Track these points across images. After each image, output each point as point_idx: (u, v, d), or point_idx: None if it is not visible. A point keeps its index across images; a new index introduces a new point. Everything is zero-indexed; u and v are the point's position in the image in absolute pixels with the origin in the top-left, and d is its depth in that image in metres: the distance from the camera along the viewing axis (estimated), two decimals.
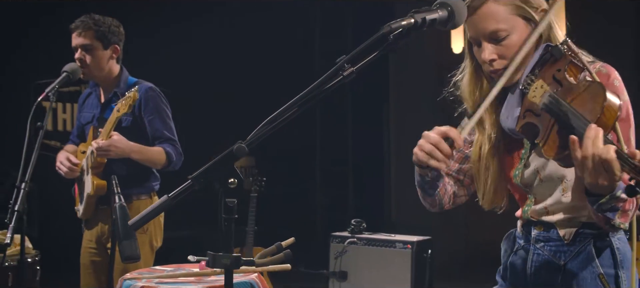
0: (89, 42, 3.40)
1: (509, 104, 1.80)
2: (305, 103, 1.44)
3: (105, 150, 3.20)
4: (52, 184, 3.95)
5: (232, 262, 1.38)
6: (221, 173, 1.39)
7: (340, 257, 5.24)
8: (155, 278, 2.33)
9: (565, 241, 1.84)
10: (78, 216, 3.53)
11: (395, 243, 5.04)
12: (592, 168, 1.51)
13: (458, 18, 1.63)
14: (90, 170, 3.33)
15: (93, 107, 3.59)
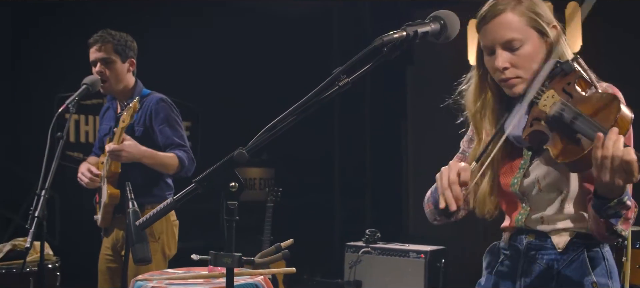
0: (108, 56, 3.53)
1: (516, 113, 1.83)
2: (303, 112, 1.52)
3: (117, 153, 3.27)
4: (73, 194, 4.08)
5: (233, 261, 1.46)
6: (223, 177, 1.48)
7: (354, 267, 5.30)
8: (165, 279, 2.42)
9: (558, 249, 1.88)
10: (98, 224, 3.64)
11: (409, 253, 5.10)
12: (611, 168, 1.56)
13: (450, 31, 1.70)
14: (106, 180, 3.44)
15: (110, 119, 3.72)
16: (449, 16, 1.71)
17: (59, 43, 7.24)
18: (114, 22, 3.77)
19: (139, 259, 2.40)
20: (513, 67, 1.86)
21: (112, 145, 3.29)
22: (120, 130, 3.26)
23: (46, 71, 7.38)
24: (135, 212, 2.45)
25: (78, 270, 4.74)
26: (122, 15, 7.31)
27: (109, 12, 7.30)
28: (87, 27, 3.69)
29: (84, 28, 3.73)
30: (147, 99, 3.57)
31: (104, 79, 3.51)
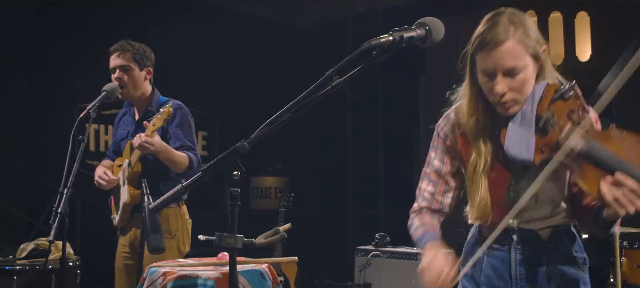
0: (126, 63, 3.73)
1: (516, 134, 1.93)
2: (298, 110, 1.68)
3: (148, 144, 3.44)
4: (93, 200, 4.25)
5: (236, 241, 1.63)
6: (227, 166, 1.65)
7: (364, 270, 5.46)
8: (177, 266, 2.60)
9: (543, 239, 2.08)
10: (114, 224, 3.83)
11: (417, 256, 5.24)
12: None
13: (435, 35, 1.85)
14: (127, 181, 3.63)
15: (128, 124, 3.91)
16: (434, 23, 1.85)
17: (80, 57, 7.47)
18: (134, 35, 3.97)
19: (154, 248, 2.57)
20: (511, 91, 1.96)
21: (144, 136, 3.44)
22: (153, 128, 3.44)
23: (67, 83, 7.62)
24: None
25: (98, 271, 4.91)
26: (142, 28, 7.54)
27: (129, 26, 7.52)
28: (107, 41, 3.89)
29: (103, 42, 3.93)
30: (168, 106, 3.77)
31: (122, 85, 3.70)
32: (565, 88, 1.89)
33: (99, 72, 4.21)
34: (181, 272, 2.48)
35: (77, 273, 4.10)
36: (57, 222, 2.80)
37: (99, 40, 6.90)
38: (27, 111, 8.07)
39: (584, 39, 7.95)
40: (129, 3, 7.96)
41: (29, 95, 8.09)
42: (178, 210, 3.73)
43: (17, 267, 3.90)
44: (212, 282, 2.47)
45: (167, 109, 3.40)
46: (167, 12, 8.45)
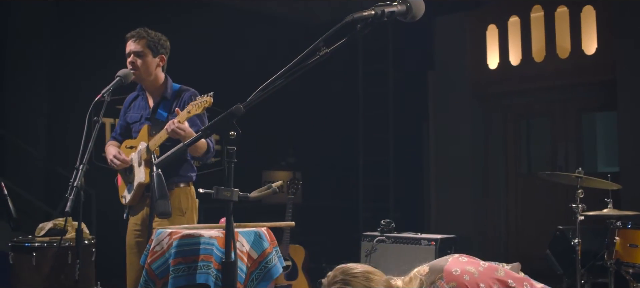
0: (141, 49, 3.93)
1: None
2: (289, 76, 1.86)
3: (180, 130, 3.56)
4: (109, 192, 4.43)
5: (232, 194, 1.81)
6: (224, 127, 1.83)
7: (370, 255, 5.62)
8: (183, 228, 2.79)
9: None
10: (123, 203, 4.02)
11: (421, 241, 5.40)
12: None
13: (416, 11, 2.03)
14: (144, 162, 3.81)
15: (141, 108, 4.09)
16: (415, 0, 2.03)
17: (98, 52, 7.68)
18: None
19: (161, 212, 2.76)
20: None
21: (177, 122, 3.58)
22: (187, 115, 3.59)
23: (86, 78, 7.83)
24: (158, 174, 2.80)
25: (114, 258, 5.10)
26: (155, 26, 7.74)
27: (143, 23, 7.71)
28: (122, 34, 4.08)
29: (120, 37, 4.11)
30: (182, 92, 3.97)
31: (134, 68, 3.91)
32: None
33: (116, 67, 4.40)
34: (185, 232, 2.67)
35: (92, 251, 4.30)
36: (73, 194, 2.99)
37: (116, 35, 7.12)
38: (48, 105, 8.30)
39: (589, 33, 8.06)
40: (145, 4, 8.17)
41: (49, 89, 8.32)
42: (188, 190, 3.93)
43: (36, 244, 4.11)
44: (214, 240, 2.65)
45: (208, 99, 3.55)
46: (178, 11, 8.65)
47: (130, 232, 3.99)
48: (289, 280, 6.11)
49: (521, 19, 8.64)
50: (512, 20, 8.72)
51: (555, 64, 8.23)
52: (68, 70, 8.12)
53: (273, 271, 2.78)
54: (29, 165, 8.07)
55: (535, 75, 8.34)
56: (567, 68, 8.13)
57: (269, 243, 2.78)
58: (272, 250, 2.78)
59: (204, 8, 9.12)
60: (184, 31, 8.28)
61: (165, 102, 3.99)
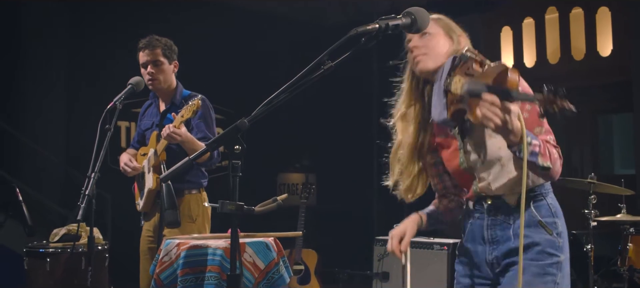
0: (157, 58, 3.98)
1: (435, 102, 2.21)
2: (293, 91, 1.87)
3: (176, 134, 3.63)
4: (124, 196, 4.47)
5: (237, 207, 1.82)
6: (229, 141, 1.84)
7: (382, 259, 5.62)
8: (191, 239, 2.81)
9: (511, 205, 2.27)
10: (138, 209, 4.06)
11: (433, 245, 5.39)
12: (486, 118, 1.93)
13: (420, 24, 2.03)
14: (152, 169, 3.85)
15: (153, 115, 4.14)
16: (419, 12, 2.04)
17: (114, 56, 7.75)
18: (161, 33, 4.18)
19: (169, 222, 2.78)
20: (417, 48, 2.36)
21: (172, 127, 3.63)
22: (181, 119, 3.65)
23: (100, 84, 7.90)
24: (167, 185, 2.83)
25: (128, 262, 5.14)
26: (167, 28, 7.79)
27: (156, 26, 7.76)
28: (137, 39, 4.11)
29: (134, 40, 4.14)
30: (191, 98, 3.99)
31: (153, 79, 3.94)
32: (463, 54, 2.16)
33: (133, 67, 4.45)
34: (193, 243, 2.69)
35: (105, 256, 4.35)
36: (85, 202, 3.02)
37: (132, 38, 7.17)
38: (65, 110, 8.38)
39: (605, 35, 8.00)
40: (160, 3, 8.23)
41: (66, 94, 8.40)
42: (199, 196, 3.94)
43: (50, 250, 4.16)
44: (221, 251, 2.67)
45: (196, 102, 3.60)
46: (190, 12, 8.70)
47: (144, 238, 4.02)
48: (302, 285, 6.13)
49: (536, 21, 8.59)
50: (526, 22, 8.68)
51: (570, 65, 8.18)
52: (84, 72, 8.20)
53: (280, 281, 2.80)
54: (46, 168, 8.14)
55: (549, 77, 8.27)
56: (582, 70, 8.07)
57: (276, 253, 2.79)
58: (279, 261, 2.79)
59: (214, 10, 9.15)
60: (193, 32, 8.33)
61: (174, 108, 4.02)
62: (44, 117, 8.18)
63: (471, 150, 2.29)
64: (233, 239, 1.87)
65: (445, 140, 2.38)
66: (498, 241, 2.30)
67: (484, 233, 2.34)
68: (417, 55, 2.35)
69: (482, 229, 2.35)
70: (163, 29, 4.42)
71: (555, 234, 2.25)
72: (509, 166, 2.24)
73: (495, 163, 2.25)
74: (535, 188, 2.27)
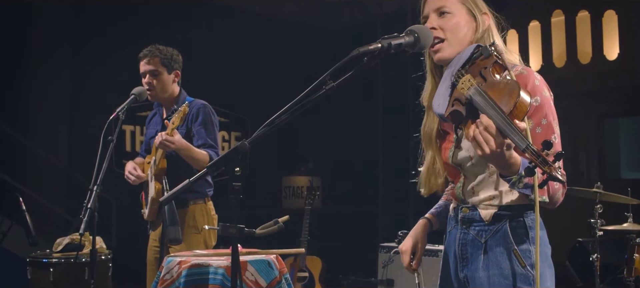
0: (155, 68, 3.95)
1: (440, 92, 2.03)
2: (295, 111, 1.84)
3: (169, 141, 3.62)
4: (128, 199, 4.47)
5: (238, 231, 1.80)
6: (230, 163, 1.82)
7: (387, 266, 5.59)
8: (192, 256, 2.79)
9: (485, 222, 2.09)
10: (144, 218, 4.05)
11: (438, 253, 5.35)
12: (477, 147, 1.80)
13: (424, 42, 1.99)
14: (154, 177, 3.83)
15: (157, 124, 4.14)
16: (422, 30, 2.00)
17: (117, 59, 7.74)
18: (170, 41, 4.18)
19: (170, 239, 2.76)
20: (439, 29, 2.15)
21: (165, 135, 3.63)
22: (172, 126, 3.64)
23: (106, 86, 7.89)
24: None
25: (133, 267, 5.14)
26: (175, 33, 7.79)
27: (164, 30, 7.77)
28: (144, 44, 4.10)
29: (140, 45, 4.13)
30: (192, 105, 3.98)
31: (151, 88, 3.92)
32: (486, 47, 1.97)
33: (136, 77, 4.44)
34: (194, 261, 2.68)
35: (108, 266, 4.33)
36: (87, 216, 3.01)
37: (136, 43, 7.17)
38: (69, 113, 8.39)
39: (611, 38, 7.96)
40: (163, 7, 8.22)
41: (70, 98, 8.41)
42: (204, 206, 3.92)
43: (53, 260, 4.15)
44: (223, 270, 2.65)
45: (183, 107, 3.60)
46: (198, 16, 8.69)
47: (150, 247, 4.00)
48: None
49: (542, 24, 8.55)
50: (532, 25, 8.64)
51: (577, 69, 8.14)
52: (88, 75, 8.21)
53: None
54: (49, 171, 8.15)
55: (556, 81, 8.21)
56: (589, 73, 8.04)
57: (278, 271, 2.77)
58: (282, 279, 2.77)
59: (223, 14, 9.14)
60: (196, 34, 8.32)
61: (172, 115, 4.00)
62: (47, 121, 8.19)
63: (464, 147, 2.12)
64: (234, 259, 1.85)
65: (446, 129, 2.23)
66: (467, 259, 2.14)
67: (455, 248, 2.18)
68: (435, 41, 2.13)
69: (454, 242, 2.19)
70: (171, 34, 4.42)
71: (529, 266, 2.02)
72: (496, 177, 2.08)
73: (484, 169, 2.10)
74: (512, 205, 2.07)
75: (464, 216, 2.16)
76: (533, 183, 1.78)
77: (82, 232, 3.00)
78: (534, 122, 2.01)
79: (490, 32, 2.19)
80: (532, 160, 1.67)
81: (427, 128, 2.31)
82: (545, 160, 1.65)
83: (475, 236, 2.12)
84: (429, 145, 2.30)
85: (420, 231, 2.43)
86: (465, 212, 2.15)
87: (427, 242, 2.42)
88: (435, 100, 2.04)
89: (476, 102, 1.83)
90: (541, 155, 1.66)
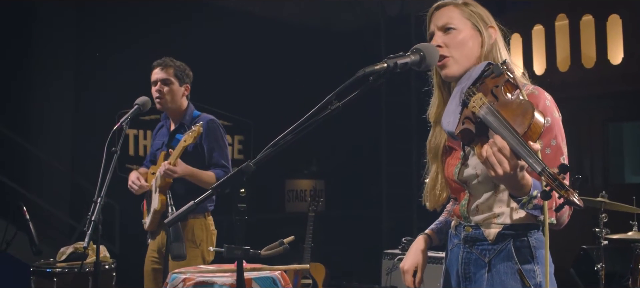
0: (168, 77, 4.03)
1: (449, 109, 2.01)
2: (300, 132, 1.83)
3: (171, 172, 3.74)
4: (132, 204, 4.48)
5: (243, 253, 1.80)
6: (234, 185, 1.81)
7: (390, 273, 5.58)
8: (197, 273, 2.79)
9: (489, 241, 2.08)
10: (144, 228, 4.07)
11: (442, 260, 5.33)
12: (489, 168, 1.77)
13: (430, 60, 1.98)
14: (158, 189, 3.85)
15: (163, 136, 4.18)
16: (428, 48, 1.99)
17: (121, 65, 7.75)
18: (172, 44, 4.21)
19: (175, 255, 2.77)
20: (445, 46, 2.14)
21: (168, 165, 3.73)
22: (180, 149, 3.67)
23: (109, 91, 7.90)
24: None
25: (136, 272, 5.15)
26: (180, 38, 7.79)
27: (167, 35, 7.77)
28: (147, 49, 4.12)
29: (143, 50, 4.16)
30: (199, 119, 4.00)
31: (160, 97, 3.98)
32: (498, 65, 1.95)
33: (139, 80, 4.44)
34: (199, 279, 2.67)
35: (112, 275, 4.33)
36: (91, 229, 3.01)
37: (140, 48, 7.19)
38: (72, 118, 8.39)
39: (616, 42, 7.93)
40: (167, 12, 8.22)
41: (73, 102, 8.41)
42: (203, 221, 3.96)
43: (57, 270, 4.15)
44: (227, 287, 2.64)
45: (198, 128, 3.65)
46: (202, 21, 8.69)
47: (148, 258, 4.03)
48: None
49: (545, 28, 8.52)
50: (536, 29, 8.61)
51: (581, 73, 8.11)
52: (93, 82, 8.20)
53: None
54: (53, 176, 8.15)
55: (559, 85, 8.21)
56: (593, 78, 8.01)
57: (283, 287, 2.77)
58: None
59: (227, 18, 9.14)
60: (207, 41, 8.32)
61: (183, 129, 4.04)
62: (50, 125, 8.19)
63: (471, 165, 2.11)
64: (239, 277, 1.85)
65: (453, 145, 2.22)
66: (470, 279, 2.12)
67: (458, 266, 2.17)
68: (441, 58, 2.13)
69: (457, 260, 2.18)
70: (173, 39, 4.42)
71: (533, 286, 2.03)
72: (502, 196, 2.07)
73: (490, 188, 2.09)
74: (516, 224, 2.07)
75: (467, 235, 2.14)
76: (542, 205, 1.77)
77: (86, 245, 3.00)
78: (544, 143, 2.00)
79: (497, 46, 2.18)
80: (548, 183, 1.63)
81: (433, 143, 2.30)
82: (561, 184, 1.62)
83: (479, 255, 2.11)
84: (434, 160, 2.29)
85: (421, 248, 2.40)
86: (469, 230, 2.14)
87: (427, 260, 2.39)
88: (445, 118, 2.02)
89: (489, 122, 1.81)
90: (557, 178, 1.63)
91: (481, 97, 1.88)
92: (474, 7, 2.21)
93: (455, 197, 2.29)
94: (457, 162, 2.17)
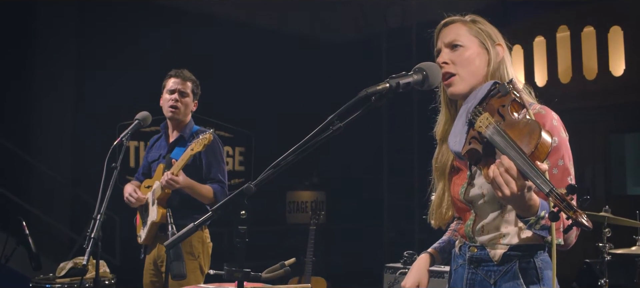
0: (186, 91, 4.06)
1: (456, 129, 1.98)
2: (302, 152, 1.81)
3: (173, 182, 3.72)
4: (132, 217, 4.46)
5: (243, 275, 1.77)
6: (235, 207, 1.79)
7: (392, 287, 5.54)
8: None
9: (495, 262, 2.05)
10: (139, 242, 4.05)
11: (444, 274, 5.30)
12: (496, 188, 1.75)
13: (432, 80, 1.97)
14: (157, 201, 3.84)
15: (161, 147, 4.15)
16: (431, 67, 1.97)
17: (122, 77, 7.74)
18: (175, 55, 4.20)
19: (175, 275, 2.75)
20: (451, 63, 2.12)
21: (170, 174, 3.70)
22: (186, 158, 3.66)
23: (109, 102, 7.90)
24: (173, 235, 2.79)
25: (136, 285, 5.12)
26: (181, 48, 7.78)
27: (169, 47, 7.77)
28: (149, 61, 4.12)
29: (145, 62, 4.15)
30: (199, 133, 3.99)
31: (175, 107, 4.00)
32: (504, 84, 1.92)
33: (140, 92, 4.43)
34: None
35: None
36: (90, 246, 2.98)
37: (141, 60, 7.18)
38: (72, 130, 8.38)
39: (617, 54, 7.92)
40: (169, 26, 8.22)
41: (74, 115, 8.40)
42: (201, 234, 3.97)
43: (57, 285, 4.12)
44: None
45: (208, 136, 3.66)
46: (205, 32, 8.69)
47: (146, 271, 4.03)
48: None
49: (547, 40, 8.52)
50: (537, 40, 8.61)
51: (582, 85, 8.10)
52: (93, 94, 8.20)
53: None
54: (53, 189, 8.13)
55: (561, 97, 8.18)
56: (595, 90, 8.00)
57: None
58: None
59: (229, 30, 9.14)
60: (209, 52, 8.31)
61: (182, 142, 4.04)
62: (50, 138, 8.17)
63: (477, 185, 2.09)
64: None
65: (460, 165, 2.19)
66: None
67: (462, 287, 2.13)
68: (447, 74, 2.12)
69: (461, 281, 2.14)
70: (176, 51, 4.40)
71: None
72: (508, 216, 2.05)
73: (496, 208, 2.06)
74: (522, 245, 2.04)
75: (472, 255, 2.11)
76: (550, 225, 1.74)
77: (85, 262, 2.98)
78: (551, 163, 1.98)
79: (505, 64, 2.16)
80: (556, 204, 1.61)
81: (440, 162, 2.27)
82: (570, 205, 1.59)
83: (484, 276, 2.08)
84: (441, 177, 2.26)
85: (423, 266, 2.38)
86: (474, 251, 2.11)
87: (428, 279, 2.36)
88: (452, 138, 1.99)
89: (495, 142, 1.79)
90: (565, 199, 1.60)
91: (487, 117, 1.86)
92: (482, 24, 2.19)
93: (459, 217, 2.26)
94: (463, 181, 2.15)
